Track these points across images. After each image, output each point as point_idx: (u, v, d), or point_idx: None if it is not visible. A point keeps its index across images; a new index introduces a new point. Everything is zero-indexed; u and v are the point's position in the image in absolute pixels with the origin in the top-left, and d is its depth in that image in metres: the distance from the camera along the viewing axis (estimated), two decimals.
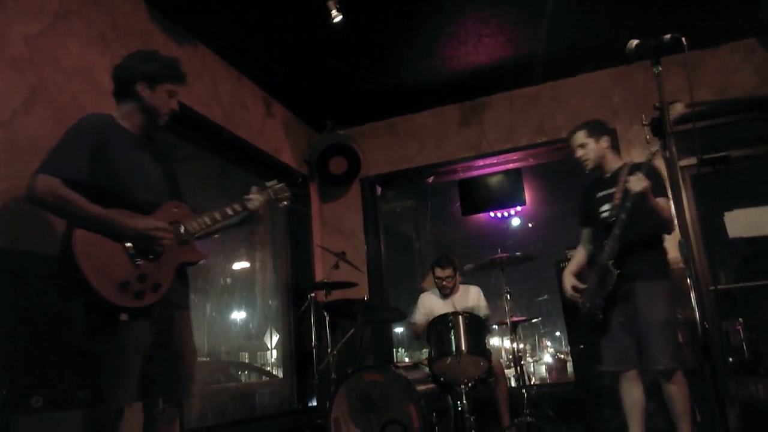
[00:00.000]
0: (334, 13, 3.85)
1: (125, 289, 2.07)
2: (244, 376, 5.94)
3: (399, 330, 9.18)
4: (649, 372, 3.07)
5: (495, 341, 10.60)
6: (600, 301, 3.15)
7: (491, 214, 6.63)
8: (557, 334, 12.02)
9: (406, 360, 7.68)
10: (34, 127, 2.84)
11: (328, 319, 4.76)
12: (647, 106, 2.44)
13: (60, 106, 3.01)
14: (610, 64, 5.14)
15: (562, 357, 9.83)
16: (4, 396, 2.24)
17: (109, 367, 2.08)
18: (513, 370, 4.58)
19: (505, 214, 6.76)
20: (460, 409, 3.77)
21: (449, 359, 3.76)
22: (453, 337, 3.78)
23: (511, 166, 5.66)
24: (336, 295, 4.82)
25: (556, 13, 4.24)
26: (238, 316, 5.71)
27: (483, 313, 4.54)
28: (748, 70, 4.83)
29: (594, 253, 3.30)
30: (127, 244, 2.13)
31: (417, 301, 4.87)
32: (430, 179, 5.90)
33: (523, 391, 4.19)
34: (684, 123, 2.52)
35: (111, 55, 3.42)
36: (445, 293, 4.71)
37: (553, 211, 8.97)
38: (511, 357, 5.78)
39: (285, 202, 2.75)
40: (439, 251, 8.26)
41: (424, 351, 5.05)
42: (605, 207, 3.20)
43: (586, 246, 3.46)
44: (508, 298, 4.34)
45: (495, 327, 5.01)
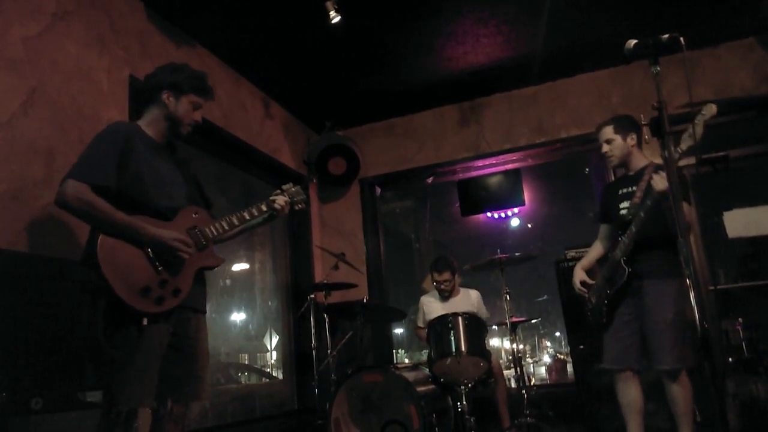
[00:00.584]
0: (333, 13, 3.85)
1: (147, 294, 2.12)
2: (244, 378, 5.94)
3: (399, 331, 9.19)
4: (651, 371, 3.07)
5: (495, 342, 10.61)
6: (606, 298, 3.15)
7: (490, 215, 6.64)
8: (557, 334, 12.04)
9: (406, 361, 7.68)
10: (33, 129, 2.84)
11: (327, 320, 4.75)
12: (646, 105, 2.44)
13: (59, 108, 3.01)
14: (609, 63, 5.15)
15: (561, 357, 9.85)
16: (3, 398, 2.24)
17: (126, 369, 2.11)
18: (513, 370, 4.57)
19: (505, 215, 6.77)
20: (460, 409, 3.77)
21: (449, 360, 3.76)
22: (453, 338, 3.78)
23: (510, 167, 5.66)
24: (335, 296, 4.82)
25: (554, 13, 4.25)
26: (238, 317, 5.71)
27: (482, 317, 4.53)
28: (746, 70, 4.84)
29: (608, 249, 3.29)
30: (149, 251, 2.18)
31: (418, 304, 4.87)
32: (430, 180, 5.89)
33: (523, 391, 4.18)
34: (683, 123, 2.53)
35: (109, 56, 3.43)
36: (445, 296, 4.70)
37: (553, 211, 8.98)
38: (510, 358, 5.78)
39: (301, 205, 2.80)
40: (439, 251, 8.26)
41: (424, 352, 5.04)
42: (624, 204, 3.19)
43: (603, 242, 3.45)
44: (508, 298, 4.34)
45: (495, 327, 5.00)
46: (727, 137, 4.71)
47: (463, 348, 3.73)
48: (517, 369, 4.31)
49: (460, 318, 3.84)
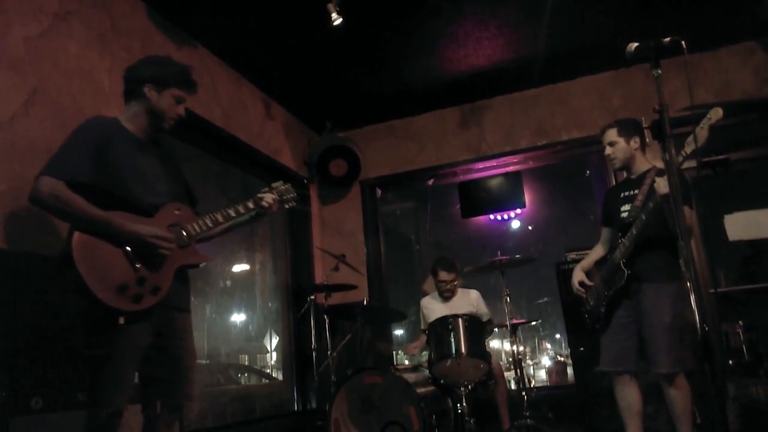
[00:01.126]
0: (334, 15, 3.85)
1: (123, 292, 2.06)
2: (244, 379, 5.94)
3: (399, 332, 9.17)
4: (650, 374, 3.07)
5: (495, 344, 10.60)
6: (605, 299, 3.16)
7: (491, 217, 6.64)
8: (557, 336, 12.02)
9: (406, 362, 7.67)
10: (34, 129, 2.84)
11: (327, 321, 4.75)
12: (647, 108, 2.44)
13: (60, 108, 3.01)
14: (610, 66, 5.15)
15: (561, 359, 9.84)
16: (3, 397, 2.24)
17: (106, 370, 2.07)
18: (513, 372, 4.57)
19: (505, 217, 6.76)
20: (459, 411, 3.77)
21: (449, 361, 3.75)
22: (453, 340, 3.78)
23: (510, 169, 5.66)
24: (336, 298, 4.82)
25: (556, 15, 4.25)
26: (238, 318, 5.71)
27: (485, 317, 4.53)
28: (747, 73, 4.84)
29: (608, 252, 3.30)
30: (127, 248, 2.12)
31: (419, 307, 4.86)
32: (430, 181, 5.89)
33: (523, 393, 4.18)
34: (683, 126, 2.53)
35: (110, 56, 3.43)
36: (446, 297, 4.71)
37: (553, 214, 8.98)
38: (510, 359, 5.77)
39: (290, 203, 2.74)
40: (439, 253, 8.25)
41: (424, 354, 5.04)
42: (626, 207, 3.19)
43: (604, 245, 3.45)
44: (508, 300, 4.34)
45: (496, 330, 5.00)
46: (727, 140, 4.71)
47: (463, 350, 3.73)
48: (517, 371, 4.30)
49: (460, 320, 3.84)
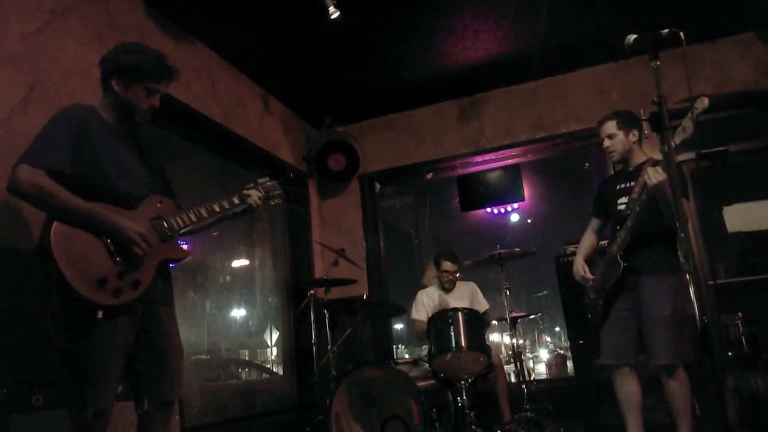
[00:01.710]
0: (332, 9, 3.84)
1: (102, 285, 2.00)
2: (245, 374, 5.96)
3: (399, 326, 9.19)
4: (650, 366, 3.08)
5: (494, 337, 10.63)
6: (603, 293, 3.16)
7: (490, 210, 6.64)
8: (557, 329, 12.06)
9: (406, 356, 7.69)
10: (32, 126, 2.81)
11: (327, 315, 4.76)
12: (646, 100, 2.44)
13: (58, 105, 2.97)
14: (608, 58, 5.14)
15: (561, 352, 9.86)
16: (4, 395, 2.24)
17: (87, 367, 2.01)
18: (513, 365, 4.58)
19: (504, 210, 6.77)
20: (460, 404, 3.78)
21: (449, 355, 3.76)
22: (453, 333, 3.78)
23: (509, 162, 5.66)
24: (335, 292, 4.82)
25: (554, 8, 4.23)
26: (238, 313, 5.72)
27: (483, 308, 4.54)
28: (746, 64, 4.83)
29: (606, 245, 3.29)
30: (108, 240, 2.07)
31: (416, 299, 4.87)
32: (429, 175, 5.89)
33: (523, 386, 4.19)
34: (682, 118, 2.52)
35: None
36: (447, 288, 4.72)
37: (552, 207, 8.99)
38: (510, 353, 5.79)
39: (276, 200, 2.66)
40: (439, 247, 8.26)
41: (424, 347, 5.05)
42: (622, 200, 3.19)
43: (593, 234, 3.46)
44: (507, 293, 4.35)
45: (494, 322, 5.01)
46: (726, 132, 4.71)
47: (463, 343, 3.74)
48: (517, 364, 4.32)
49: (459, 313, 3.84)
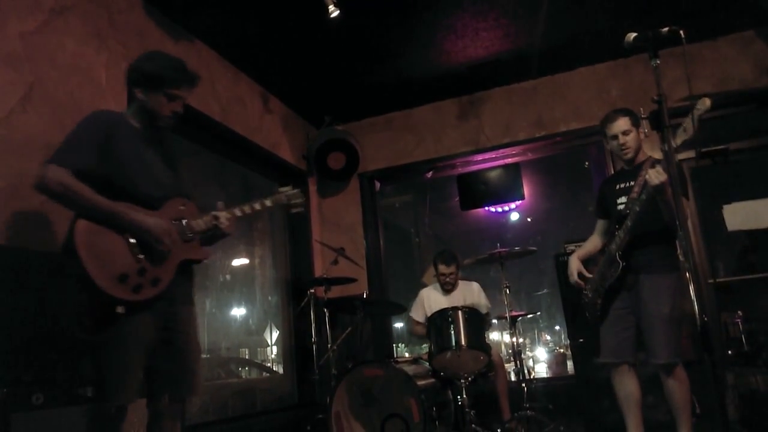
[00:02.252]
0: (332, 8, 3.83)
1: (124, 281, 2.07)
2: (245, 372, 5.96)
3: (399, 325, 9.20)
4: (649, 365, 3.08)
5: (494, 335, 10.63)
6: (602, 292, 3.16)
7: (490, 209, 6.64)
8: (557, 327, 12.06)
9: (406, 355, 7.70)
10: (32, 125, 2.84)
11: (327, 314, 4.76)
12: (646, 99, 2.44)
13: (57, 104, 3.00)
14: (608, 57, 5.14)
15: (561, 351, 9.87)
16: (4, 394, 2.24)
17: (110, 363, 2.08)
18: (513, 364, 4.59)
19: (504, 209, 6.77)
20: (460, 403, 3.78)
21: (449, 354, 3.76)
22: (453, 332, 3.78)
23: (509, 161, 5.66)
24: (335, 291, 4.83)
25: (554, 6, 4.23)
26: (238, 312, 5.72)
27: (484, 309, 4.53)
28: (746, 63, 4.82)
29: (605, 244, 3.29)
30: (131, 239, 2.14)
31: (416, 298, 4.87)
32: (429, 174, 5.89)
33: (523, 385, 4.20)
34: (682, 116, 2.52)
35: (107, 51, 3.42)
36: (447, 289, 4.71)
37: (552, 205, 8.99)
38: (510, 351, 5.79)
39: (298, 209, 2.78)
40: (439, 246, 8.26)
41: (424, 346, 5.05)
42: (622, 199, 3.18)
43: (600, 237, 3.44)
44: (507, 292, 4.34)
45: (495, 321, 5.01)
46: (726, 130, 4.71)
47: (463, 342, 3.74)
48: (517, 362, 4.32)
49: (460, 312, 3.84)
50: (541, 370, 10.39)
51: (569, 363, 7.59)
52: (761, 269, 4.42)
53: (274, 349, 6.03)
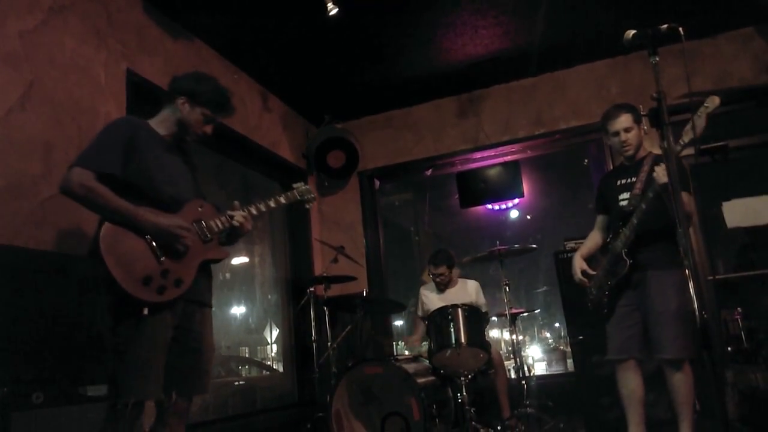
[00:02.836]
0: (330, 6, 3.83)
1: (148, 284, 2.14)
2: (245, 371, 5.96)
3: (398, 323, 9.20)
4: (652, 361, 3.08)
5: (494, 333, 10.63)
6: (607, 289, 3.16)
7: (489, 207, 6.63)
8: (556, 325, 12.06)
9: (406, 353, 7.70)
10: (31, 124, 2.83)
11: (327, 312, 4.76)
12: (645, 96, 2.43)
13: (56, 102, 3.00)
14: (608, 54, 5.13)
15: (561, 348, 9.86)
16: (5, 393, 2.25)
17: (131, 361, 2.13)
18: (512, 361, 4.59)
19: (504, 206, 6.76)
20: (460, 400, 3.78)
21: (449, 351, 3.77)
22: (452, 330, 3.79)
23: (509, 158, 5.65)
24: (335, 289, 4.83)
25: (553, 3, 4.23)
26: (238, 310, 5.72)
27: (481, 309, 4.53)
28: (745, 60, 4.82)
29: (608, 241, 3.26)
30: (153, 241, 2.20)
31: (418, 294, 4.89)
32: (429, 172, 5.89)
33: (523, 382, 4.20)
34: (682, 113, 2.52)
35: (106, 50, 3.41)
36: (441, 288, 4.73)
37: (552, 203, 8.99)
38: (510, 349, 5.80)
39: (310, 204, 2.91)
40: (438, 244, 8.26)
41: (424, 344, 5.06)
42: (624, 196, 3.17)
43: (601, 232, 3.43)
44: (507, 289, 4.35)
45: (494, 318, 5.02)
46: (726, 127, 4.70)
47: (462, 339, 3.74)
48: (517, 360, 4.32)
49: (459, 310, 3.84)
50: (539, 367, 10.39)
51: (569, 362, 7.59)
52: (761, 266, 4.41)
53: (274, 347, 6.03)
